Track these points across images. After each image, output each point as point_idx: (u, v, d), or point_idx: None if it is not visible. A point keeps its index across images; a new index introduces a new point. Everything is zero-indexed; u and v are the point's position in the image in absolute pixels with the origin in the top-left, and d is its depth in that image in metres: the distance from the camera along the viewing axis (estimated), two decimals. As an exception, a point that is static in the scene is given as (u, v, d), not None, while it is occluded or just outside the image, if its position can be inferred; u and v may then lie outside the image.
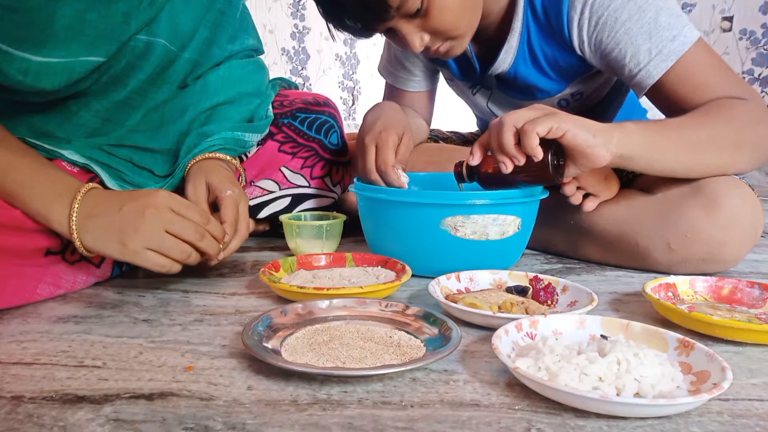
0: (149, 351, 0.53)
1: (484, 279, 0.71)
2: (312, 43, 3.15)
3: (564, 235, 0.89)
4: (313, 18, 3.12)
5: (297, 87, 1.12)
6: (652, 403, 0.39)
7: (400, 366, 0.45)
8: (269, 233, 1.06)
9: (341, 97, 3.27)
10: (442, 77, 1.12)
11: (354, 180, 0.85)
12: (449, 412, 0.42)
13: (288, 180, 0.98)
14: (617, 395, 0.42)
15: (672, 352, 0.49)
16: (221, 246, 0.69)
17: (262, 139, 0.95)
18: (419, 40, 0.79)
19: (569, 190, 0.80)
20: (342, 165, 1.04)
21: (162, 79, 0.79)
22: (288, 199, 0.99)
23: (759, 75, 2.28)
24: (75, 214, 0.61)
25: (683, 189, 0.76)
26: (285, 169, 0.98)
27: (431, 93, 1.13)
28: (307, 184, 1.00)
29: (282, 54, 3.14)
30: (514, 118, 0.67)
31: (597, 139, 0.66)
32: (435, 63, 1.06)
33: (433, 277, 0.68)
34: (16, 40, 0.61)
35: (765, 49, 2.26)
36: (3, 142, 0.64)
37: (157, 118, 0.81)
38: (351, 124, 3.26)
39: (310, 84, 3.22)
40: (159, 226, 0.62)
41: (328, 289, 0.63)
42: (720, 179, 0.75)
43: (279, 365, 0.45)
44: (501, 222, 0.73)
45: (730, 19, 2.33)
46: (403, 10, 0.74)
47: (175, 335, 0.57)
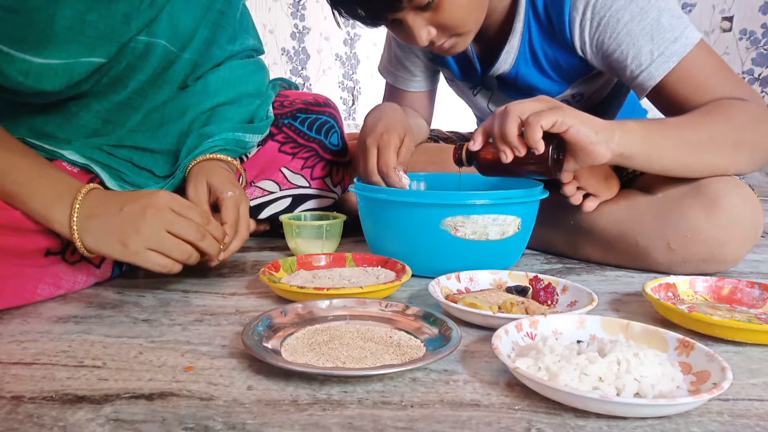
0: (149, 351, 0.53)
1: (484, 279, 0.71)
2: (312, 43, 3.15)
3: (564, 235, 0.89)
4: (313, 18, 3.12)
5: (297, 87, 1.12)
6: (652, 403, 0.39)
7: (400, 366, 0.45)
8: (269, 233, 1.06)
9: (341, 97, 3.27)
10: (442, 77, 1.12)
11: (354, 180, 0.85)
12: (449, 412, 0.42)
13: (288, 180, 0.98)
14: (617, 395, 0.42)
15: (672, 352, 0.49)
16: (222, 246, 0.69)
17: (262, 140, 0.95)
18: (426, 33, 0.79)
19: (569, 190, 0.80)
20: (342, 165, 1.04)
21: (162, 80, 0.79)
22: (288, 200, 0.99)
23: (759, 75, 2.28)
24: (76, 214, 0.61)
25: (683, 189, 0.76)
26: (285, 170, 0.98)
27: (431, 93, 1.14)
28: (308, 184, 1.00)
29: (282, 54, 3.14)
30: (519, 108, 0.67)
31: (599, 136, 0.66)
32: (435, 63, 1.06)
33: (433, 277, 0.68)
34: (16, 41, 0.61)
35: (765, 49, 2.26)
36: (3, 142, 0.64)
37: (158, 118, 0.81)
38: (351, 124, 3.26)
39: (310, 84, 3.22)
40: (160, 226, 0.62)
41: (328, 289, 0.63)
42: (720, 179, 0.75)
43: (279, 365, 0.45)
44: (501, 222, 0.73)
45: (730, 19, 2.33)
46: (416, 1, 0.75)
47: (175, 335, 0.57)
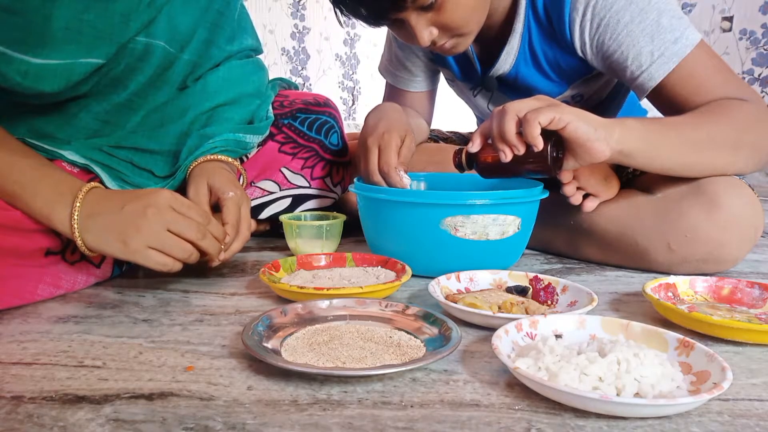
0: (149, 351, 0.53)
1: (484, 279, 0.71)
2: (312, 43, 3.15)
3: (564, 235, 0.89)
4: (313, 18, 3.12)
5: (297, 87, 1.12)
6: (652, 403, 0.39)
7: (400, 366, 0.45)
8: (269, 233, 1.06)
9: (341, 97, 3.27)
10: (442, 78, 1.12)
11: (354, 180, 0.85)
12: (449, 412, 0.42)
13: (288, 181, 0.98)
14: (617, 395, 0.42)
15: (672, 352, 0.49)
16: (222, 246, 0.69)
17: (262, 140, 0.95)
18: (428, 34, 0.78)
19: (569, 190, 0.80)
20: (342, 165, 1.04)
21: (162, 81, 0.79)
22: (288, 200, 0.99)
23: (759, 75, 2.28)
24: (77, 213, 0.61)
25: (683, 189, 0.76)
26: (285, 170, 0.98)
27: (431, 93, 1.13)
28: (308, 184, 1.00)
29: (282, 54, 3.14)
30: (516, 107, 0.67)
31: (598, 133, 0.66)
32: (436, 63, 1.06)
33: (433, 277, 0.68)
34: (14, 42, 0.61)
35: (765, 49, 2.26)
36: (3, 143, 0.64)
37: (158, 119, 0.81)
38: (351, 124, 3.27)
39: (310, 84, 3.22)
40: (161, 225, 0.62)
41: (328, 289, 0.63)
42: (720, 179, 0.75)
43: (279, 365, 0.45)
44: (501, 222, 0.73)
45: (730, 19, 2.33)
46: (419, 2, 0.74)
47: (175, 335, 0.57)
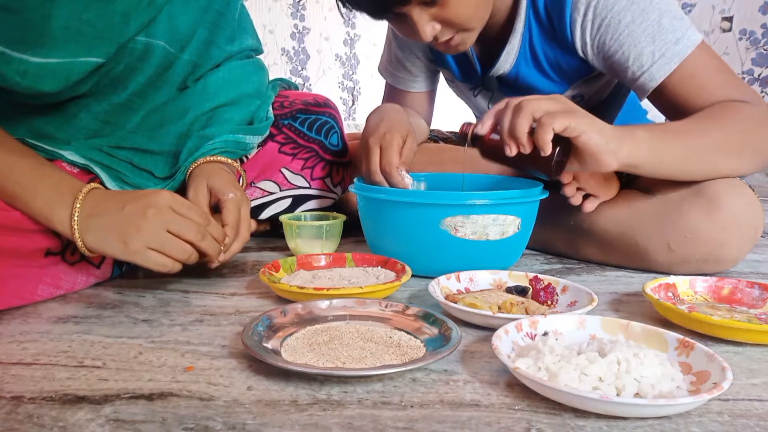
0: (149, 351, 0.53)
1: (484, 279, 0.71)
2: (312, 44, 3.15)
3: (564, 235, 0.89)
4: (313, 18, 3.12)
5: (297, 87, 1.12)
6: (652, 403, 0.39)
7: (400, 366, 0.45)
8: (269, 233, 1.06)
9: (341, 98, 3.27)
10: (442, 78, 1.12)
11: (354, 180, 0.85)
12: (449, 412, 0.42)
13: (288, 181, 0.98)
14: (617, 395, 0.42)
15: (672, 352, 0.49)
16: (221, 248, 0.69)
17: (262, 141, 0.95)
18: (431, 29, 0.78)
19: (569, 190, 0.80)
20: (342, 166, 1.04)
21: (162, 81, 0.79)
22: (288, 200, 0.99)
23: (759, 75, 2.28)
24: (77, 213, 0.61)
25: (683, 190, 0.76)
26: (285, 171, 0.98)
27: (431, 94, 1.13)
28: (308, 185, 1.00)
29: (282, 54, 3.14)
30: (533, 106, 0.66)
31: (609, 146, 0.66)
32: (436, 64, 1.06)
33: (433, 277, 0.68)
34: (13, 41, 0.61)
35: (765, 49, 2.26)
36: (3, 143, 0.64)
37: (157, 119, 0.81)
38: (351, 124, 3.27)
39: (310, 84, 3.22)
40: (161, 225, 0.62)
41: (328, 289, 0.63)
42: (720, 180, 0.75)
43: (279, 365, 0.45)
44: (501, 222, 0.73)
45: (730, 20, 2.33)
46: None
47: (175, 335, 0.57)
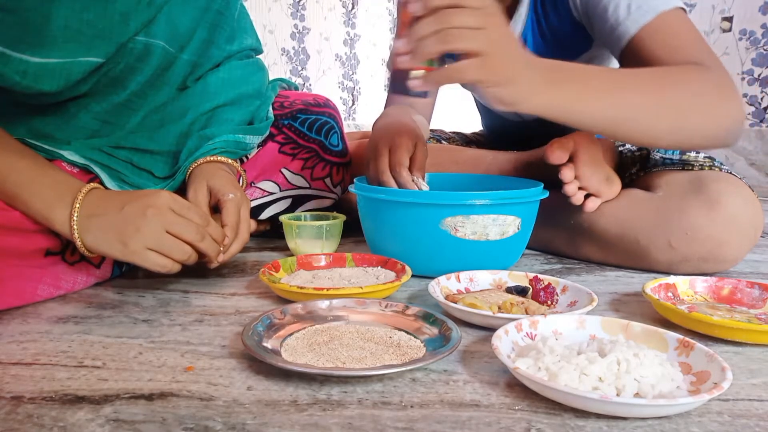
0: (149, 351, 0.53)
1: (484, 279, 0.71)
2: (312, 44, 3.15)
3: (564, 235, 0.89)
4: (313, 18, 3.12)
5: (297, 88, 1.12)
6: (652, 404, 0.39)
7: (400, 366, 0.45)
8: (269, 233, 1.06)
9: (341, 98, 3.27)
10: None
11: (354, 180, 0.85)
12: (449, 412, 0.42)
13: (289, 182, 0.98)
14: (617, 395, 0.42)
15: (672, 352, 0.49)
16: (221, 248, 0.69)
17: (262, 141, 0.95)
18: None
19: (570, 189, 0.80)
20: (342, 166, 1.04)
21: (162, 81, 0.79)
22: (289, 201, 0.99)
23: (759, 75, 2.28)
24: (76, 214, 0.61)
25: (685, 188, 0.77)
26: (285, 171, 0.98)
27: (435, 91, 1.13)
28: (308, 185, 1.00)
29: (282, 54, 3.14)
30: (449, 25, 0.55)
31: (514, 97, 0.60)
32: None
33: (433, 277, 0.68)
34: (12, 41, 0.61)
35: (765, 49, 2.26)
36: (3, 144, 0.64)
37: (157, 120, 0.81)
38: (351, 124, 3.26)
39: (310, 84, 3.22)
40: (160, 226, 0.62)
41: (328, 290, 0.63)
42: (721, 179, 0.75)
43: (279, 365, 0.45)
44: (501, 222, 0.73)
45: (730, 20, 2.33)
46: None
47: (175, 335, 0.57)
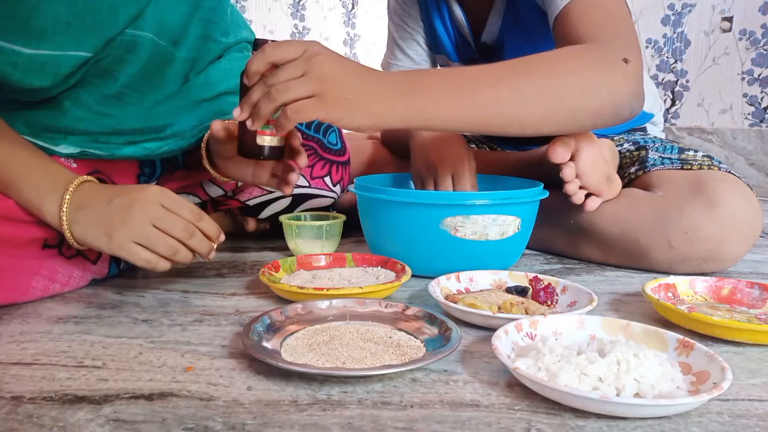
0: (149, 351, 0.53)
1: (484, 279, 0.71)
2: (312, 44, 3.15)
3: (564, 235, 0.89)
4: (313, 18, 3.12)
5: None
6: (651, 404, 0.39)
7: (400, 366, 0.45)
8: (269, 233, 1.06)
9: (341, 98, 3.27)
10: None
11: (354, 180, 0.85)
12: (449, 412, 0.42)
13: None
14: (617, 395, 0.42)
15: (672, 352, 0.49)
16: (213, 246, 0.69)
17: None
18: None
19: (571, 188, 0.80)
20: (341, 165, 1.04)
21: (159, 77, 0.79)
22: (288, 199, 0.99)
23: (759, 75, 2.28)
24: (66, 205, 0.62)
25: (684, 188, 0.77)
26: None
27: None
28: (308, 183, 1.00)
29: (282, 54, 3.14)
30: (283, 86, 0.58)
31: (353, 121, 0.60)
32: (434, 51, 1.07)
33: (433, 278, 0.68)
34: (2, 31, 0.62)
35: (765, 50, 2.26)
36: (1, 133, 0.64)
37: (160, 113, 0.81)
38: (351, 124, 3.26)
39: (310, 84, 3.22)
40: (146, 220, 0.62)
41: (328, 290, 0.63)
42: (720, 178, 0.75)
43: (279, 365, 0.45)
44: (501, 222, 0.73)
45: (729, 20, 2.32)
46: None
47: (175, 335, 0.57)
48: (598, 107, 0.69)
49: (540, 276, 0.69)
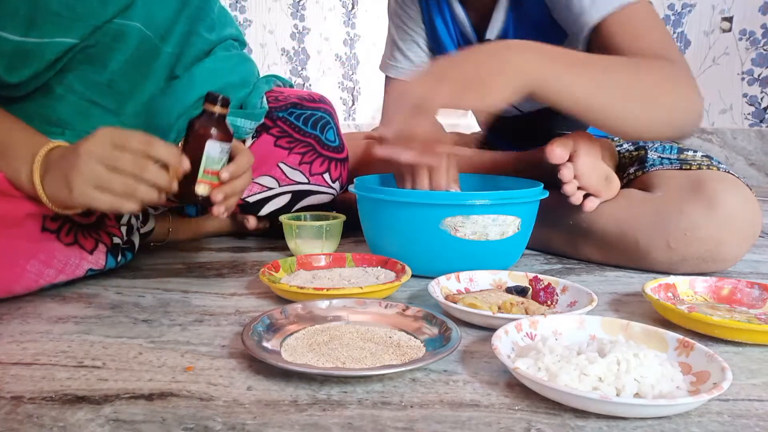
0: (149, 351, 0.53)
1: (483, 279, 0.71)
2: (312, 44, 3.15)
3: (564, 235, 0.89)
4: (313, 18, 3.12)
5: (292, 85, 1.12)
6: (651, 404, 0.39)
7: (400, 366, 0.45)
8: (269, 233, 1.06)
9: (341, 98, 3.27)
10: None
11: (354, 180, 0.85)
12: (449, 412, 0.42)
13: (287, 176, 0.98)
14: (617, 395, 0.42)
15: (672, 352, 0.49)
16: (174, 176, 0.65)
17: (257, 132, 0.95)
18: None
19: (570, 189, 0.80)
20: (340, 162, 1.04)
21: (148, 69, 0.79)
22: (288, 196, 0.99)
23: (759, 75, 2.28)
24: (37, 171, 0.63)
25: (683, 188, 0.77)
26: (283, 165, 0.98)
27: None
28: (307, 180, 1.00)
29: (282, 54, 3.13)
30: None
31: (487, 101, 0.66)
32: (434, 52, 1.07)
33: (433, 278, 0.68)
34: None
35: (765, 50, 2.26)
36: None
37: (148, 111, 0.82)
38: (351, 124, 3.26)
39: (309, 84, 3.22)
40: (95, 161, 0.60)
41: (328, 290, 0.63)
42: (719, 178, 0.75)
43: (279, 365, 0.45)
44: (501, 222, 0.73)
45: (729, 20, 2.32)
46: None
47: (175, 335, 0.57)
48: (675, 122, 0.74)
49: (540, 276, 0.69)
